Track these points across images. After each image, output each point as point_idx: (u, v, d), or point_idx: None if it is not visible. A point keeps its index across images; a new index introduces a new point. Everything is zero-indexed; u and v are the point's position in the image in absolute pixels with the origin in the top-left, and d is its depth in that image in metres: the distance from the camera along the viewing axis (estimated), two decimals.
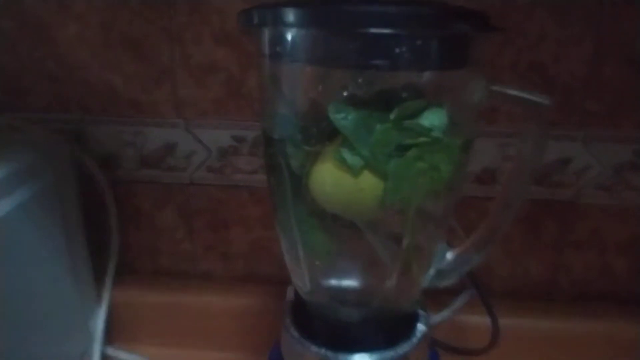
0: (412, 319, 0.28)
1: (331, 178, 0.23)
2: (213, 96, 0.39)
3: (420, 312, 0.28)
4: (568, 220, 0.41)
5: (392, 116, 0.22)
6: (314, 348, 0.26)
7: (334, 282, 0.27)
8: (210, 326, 0.43)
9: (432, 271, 0.27)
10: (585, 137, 0.38)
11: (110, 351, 0.43)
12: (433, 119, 0.22)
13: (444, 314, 0.36)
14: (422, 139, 0.22)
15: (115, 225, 0.42)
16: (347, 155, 0.22)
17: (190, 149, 0.41)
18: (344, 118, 0.22)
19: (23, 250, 0.33)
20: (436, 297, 0.36)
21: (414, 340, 0.27)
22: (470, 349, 0.32)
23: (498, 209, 0.25)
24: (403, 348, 0.26)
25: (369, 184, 0.23)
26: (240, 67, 0.38)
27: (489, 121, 0.38)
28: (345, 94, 0.23)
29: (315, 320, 0.27)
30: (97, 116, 0.41)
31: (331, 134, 0.23)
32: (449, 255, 0.27)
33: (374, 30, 0.21)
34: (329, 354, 0.26)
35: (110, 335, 0.43)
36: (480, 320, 0.33)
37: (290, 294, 0.30)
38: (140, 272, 0.45)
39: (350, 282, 0.27)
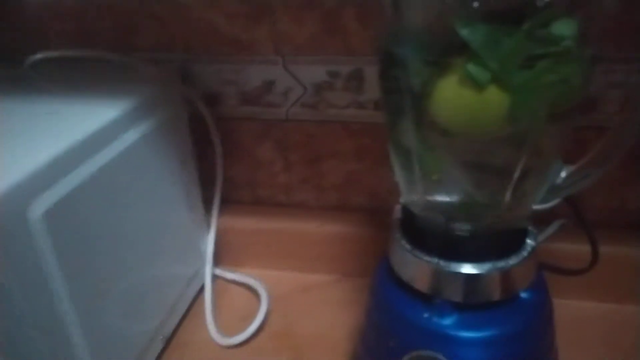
0: (522, 234, 0.29)
1: (455, 94, 0.24)
2: (309, 31, 0.41)
3: (530, 228, 0.29)
4: None
5: (524, 27, 0.22)
6: (427, 257, 0.28)
7: (448, 198, 0.29)
8: (305, 251, 0.47)
9: (545, 189, 0.28)
10: None
11: (219, 272, 0.48)
12: (564, 29, 0.22)
13: (539, 238, 0.36)
14: (553, 49, 0.22)
15: (220, 158, 0.45)
16: (474, 69, 0.23)
17: (287, 86, 0.43)
18: (472, 31, 0.22)
19: (147, 178, 0.37)
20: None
21: (524, 253, 0.28)
22: (569, 269, 0.33)
23: (618, 126, 0.25)
24: (513, 260, 0.28)
25: (495, 98, 0.23)
26: (336, 1, 0.39)
27: None
28: (473, 6, 0.23)
29: (427, 234, 0.29)
30: (200, 55, 0.43)
31: (457, 48, 0.23)
32: (564, 173, 0.27)
33: None
34: (442, 262, 0.28)
35: (218, 258, 0.48)
36: (574, 247, 0.33)
37: (397, 213, 0.32)
38: (240, 202, 0.49)
39: (463, 199, 0.28)
